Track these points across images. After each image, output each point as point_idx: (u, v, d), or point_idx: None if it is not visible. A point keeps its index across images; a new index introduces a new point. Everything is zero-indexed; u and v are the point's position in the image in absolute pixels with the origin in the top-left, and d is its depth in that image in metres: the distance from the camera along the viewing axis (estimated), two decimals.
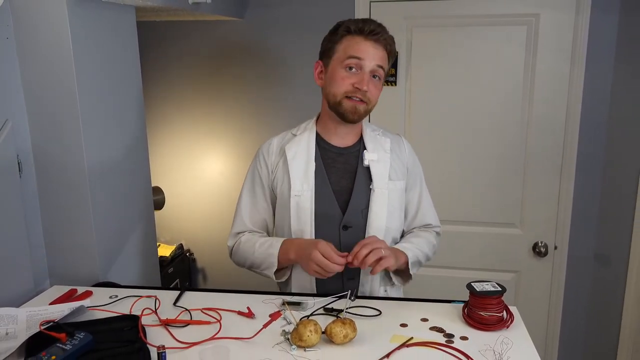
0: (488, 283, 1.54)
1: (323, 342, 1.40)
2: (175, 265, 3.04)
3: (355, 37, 1.66)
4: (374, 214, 1.74)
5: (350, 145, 1.80)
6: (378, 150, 1.78)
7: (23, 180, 1.78)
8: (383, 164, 1.77)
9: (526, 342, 1.43)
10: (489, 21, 2.60)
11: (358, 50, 1.65)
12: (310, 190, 1.73)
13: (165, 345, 1.31)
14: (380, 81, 1.72)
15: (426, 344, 1.41)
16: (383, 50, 1.68)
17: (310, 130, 1.81)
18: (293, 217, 1.74)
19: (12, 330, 1.48)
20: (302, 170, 1.75)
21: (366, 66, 1.65)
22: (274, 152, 1.83)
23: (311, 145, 1.78)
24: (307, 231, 1.74)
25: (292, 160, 1.76)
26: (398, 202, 1.80)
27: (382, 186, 1.75)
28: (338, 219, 1.75)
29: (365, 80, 1.65)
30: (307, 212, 1.73)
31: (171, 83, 3.02)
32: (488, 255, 2.83)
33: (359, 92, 1.66)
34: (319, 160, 1.77)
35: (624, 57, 2.50)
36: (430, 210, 1.92)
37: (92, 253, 1.89)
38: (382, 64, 1.68)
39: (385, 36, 1.68)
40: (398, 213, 1.81)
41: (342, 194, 1.75)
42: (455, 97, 2.70)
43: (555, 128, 2.63)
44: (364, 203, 1.75)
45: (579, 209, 2.69)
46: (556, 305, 2.80)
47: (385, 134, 1.85)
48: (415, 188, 1.89)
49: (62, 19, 1.70)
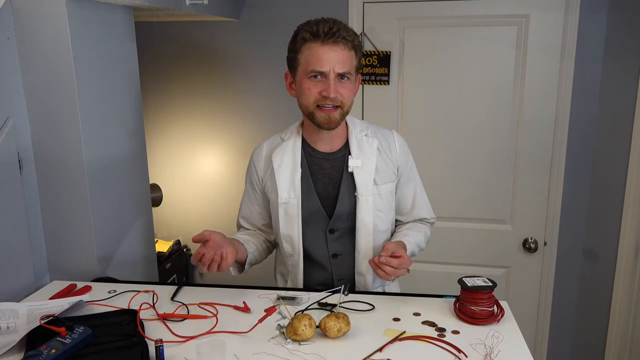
0: (479, 278, 1.56)
1: (317, 336, 1.42)
2: (173, 260, 3.05)
3: (313, 44, 1.60)
4: (360, 220, 1.74)
5: (337, 150, 1.76)
6: (363, 155, 1.74)
7: (23, 177, 1.80)
8: (367, 169, 1.73)
9: (516, 336, 1.44)
10: (480, 21, 2.61)
11: (318, 60, 1.59)
12: (297, 197, 1.73)
13: (163, 339, 1.32)
14: (350, 80, 1.65)
15: (418, 337, 1.43)
16: (344, 49, 1.60)
17: (296, 136, 1.79)
18: (282, 222, 1.76)
19: (13, 324, 1.49)
20: (288, 178, 1.74)
21: (330, 72, 1.59)
22: (262, 159, 1.82)
23: (297, 152, 1.76)
24: (294, 236, 1.76)
25: (279, 169, 1.75)
26: (386, 204, 1.79)
27: (366, 193, 1.73)
28: (324, 224, 1.76)
29: (331, 87, 1.59)
30: (294, 218, 1.74)
31: (169, 82, 3.02)
32: (479, 251, 2.84)
33: (328, 100, 1.60)
34: (304, 167, 1.75)
35: (612, 56, 2.52)
36: (424, 204, 1.91)
37: (91, 249, 1.91)
38: (347, 69, 1.62)
39: (343, 34, 1.60)
40: (386, 215, 1.80)
41: (328, 199, 1.75)
42: (447, 96, 2.71)
43: (545, 126, 2.64)
44: (349, 208, 1.75)
45: (568, 205, 2.70)
46: (546, 300, 2.82)
47: (375, 133, 1.80)
48: (410, 184, 1.86)
49: (61, 20, 1.71)
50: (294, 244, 1.77)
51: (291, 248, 1.78)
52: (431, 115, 2.75)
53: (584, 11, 2.50)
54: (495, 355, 1.34)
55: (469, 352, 1.36)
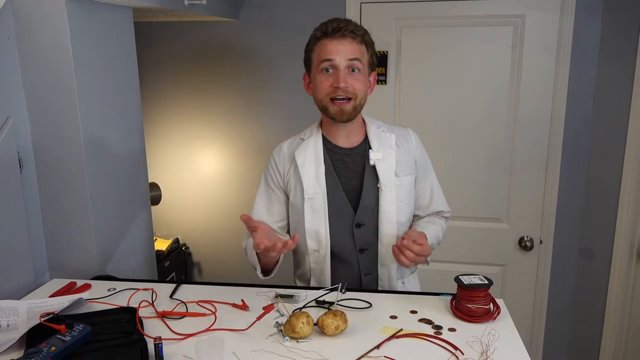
0: (475, 276, 1.56)
1: (315, 334, 1.42)
2: (172, 259, 3.05)
3: (322, 41, 1.68)
4: (383, 211, 1.76)
5: (357, 145, 1.80)
6: (383, 148, 1.79)
7: (24, 176, 1.80)
8: (388, 161, 1.78)
9: (512, 334, 1.45)
10: (477, 22, 2.62)
11: (326, 52, 1.66)
12: (323, 192, 1.76)
13: (162, 336, 1.32)
14: (362, 72, 1.70)
15: (415, 335, 1.43)
16: (352, 42, 1.66)
17: (316, 134, 1.82)
18: (307, 218, 1.77)
19: (13, 321, 1.49)
20: (313, 174, 1.77)
21: (339, 63, 1.65)
22: (284, 158, 1.84)
23: (318, 148, 1.79)
24: (321, 231, 1.77)
25: (302, 166, 1.78)
26: (406, 196, 1.82)
27: (389, 184, 1.76)
28: (350, 218, 1.78)
29: (341, 77, 1.65)
30: (321, 213, 1.76)
31: (168, 82, 3.03)
32: (475, 249, 2.85)
33: (339, 91, 1.66)
34: (327, 163, 1.78)
35: (607, 56, 2.53)
36: (441, 197, 1.95)
37: (91, 247, 1.91)
38: (356, 56, 1.67)
39: (351, 28, 1.66)
40: (407, 207, 1.83)
41: (352, 193, 1.78)
42: (444, 95, 2.72)
43: (541, 125, 2.65)
44: (373, 201, 1.77)
45: (563, 204, 2.71)
46: (541, 298, 2.83)
47: (391, 129, 1.85)
48: (427, 179, 1.91)
49: (61, 20, 1.72)
50: (320, 238, 1.77)
51: (317, 244, 1.78)
52: (428, 115, 2.76)
53: (580, 12, 2.51)
54: (491, 352, 1.35)
55: (465, 349, 1.36)
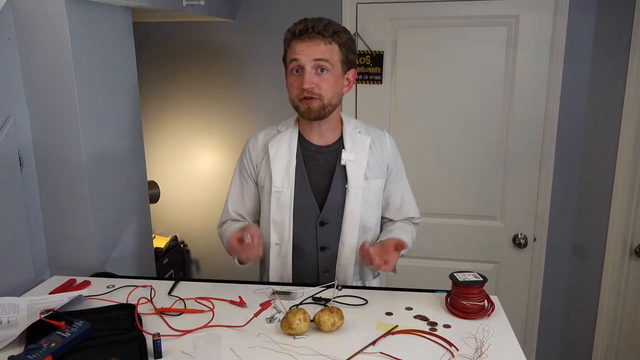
0: (470, 273, 1.58)
1: (312, 330, 1.44)
2: (170, 256, 3.07)
3: (292, 42, 1.69)
4: (348, 212, 1.78)
5: (331, 144, 1.81)
6: (356, 149, 1.79)
7: (24, 174, 1.81)
8: (359, 163, 1.78)
9: (506, 330, 1.47)
10: (471, 22, 2.63)
11: (293, 53, 1.67)
12: (290, 187, 1.77)
13: (160, 332, 1.34)
14: (331, 72, 1.68)
15: (411, 331, 1.45)
16: (320, 42, 1.65)
17: (292, 128, 1.83)
18: (273, 210, 1.79)
19: (14, 318, 1.50)
20: (283, 168, 1.78)
21: (305, 64, 1.65)
22: (259, 148, 1.86)
23: (293, 143, 1.80)
24: (285, 224, 1.79)
25: (274, 158, 1.79)
26: (374, 199, 1.84)
27: (357, 186, 1.77)
28: (315, 215, 1.79)
29: (306, 78, 1.65)
30: (287, 207, 1.78)
31: (166, 82, 3.04)
32: (470, 246, 2.87)
33: (305, 92, 1.66)
34: (299, 158, 1.80)
35: (600, 56, 2.54)
36: (412, 203, 1.96)
37: (90, 244, 1.92)
38: (324, 56, 1.66)
39: (319, 28, 1.65)
40: (374, 210, 1.85)
41: (320, 191, 1.79)
42: (439, 95, 2.73)
43: (535, 124, 2.67)
44: (340, 201, 1.79)
45: (557, 202, 2.73)
46: (535, 295, 2.84)
47: (368, 131, 1.85)
48: (398, 183, 1.91)
49: (61, 20, 1.73)
50: (284, 232, 1.79)
51: (279, 237, 1.80)
52: (423, 114, 2.77)
53: (573, 12, 2.52)
54: (485, 348, 1.36)
55: (460, 345, 1.38)
